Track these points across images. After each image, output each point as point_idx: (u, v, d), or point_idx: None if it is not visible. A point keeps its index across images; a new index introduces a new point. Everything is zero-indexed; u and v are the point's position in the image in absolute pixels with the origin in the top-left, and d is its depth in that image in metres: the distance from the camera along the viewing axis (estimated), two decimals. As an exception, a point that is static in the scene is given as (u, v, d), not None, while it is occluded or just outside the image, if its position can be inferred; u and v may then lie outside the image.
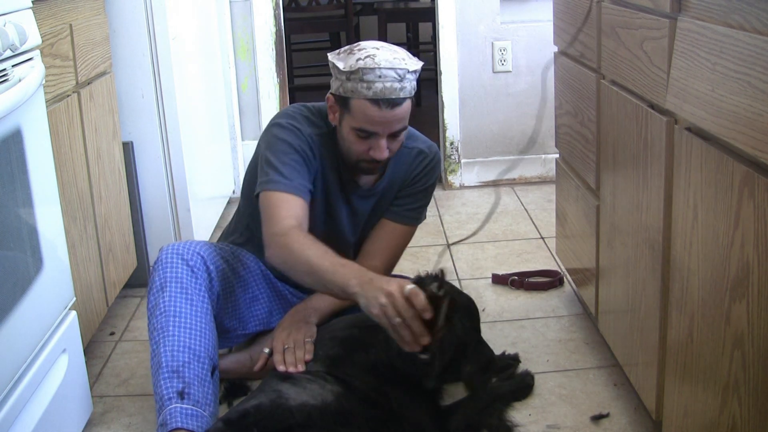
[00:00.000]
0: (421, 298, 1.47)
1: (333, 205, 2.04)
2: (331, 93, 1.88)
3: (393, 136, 1.87)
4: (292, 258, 1.75)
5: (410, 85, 1.83)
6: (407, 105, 1.85)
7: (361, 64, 1.78)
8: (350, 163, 1.94)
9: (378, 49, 1.82)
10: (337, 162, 2.00)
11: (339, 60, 1.83)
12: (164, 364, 1.78)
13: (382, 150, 1.85)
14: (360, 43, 1.87)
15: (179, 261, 1.88)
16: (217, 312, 1.94)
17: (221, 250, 2.03)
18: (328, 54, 1.88)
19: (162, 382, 1.77)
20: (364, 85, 1.78)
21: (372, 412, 1.65)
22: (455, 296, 1.57)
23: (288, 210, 1.81)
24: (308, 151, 1.92)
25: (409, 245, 2.97)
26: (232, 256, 2.05)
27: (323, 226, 2.04)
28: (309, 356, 1.83)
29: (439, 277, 1.55)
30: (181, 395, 1.74)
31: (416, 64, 1.85)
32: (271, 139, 1.94)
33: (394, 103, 1.80)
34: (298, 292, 2.15)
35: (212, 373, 1.83)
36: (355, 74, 1.79)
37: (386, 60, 1.79)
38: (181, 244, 1.93)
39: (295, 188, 1.85)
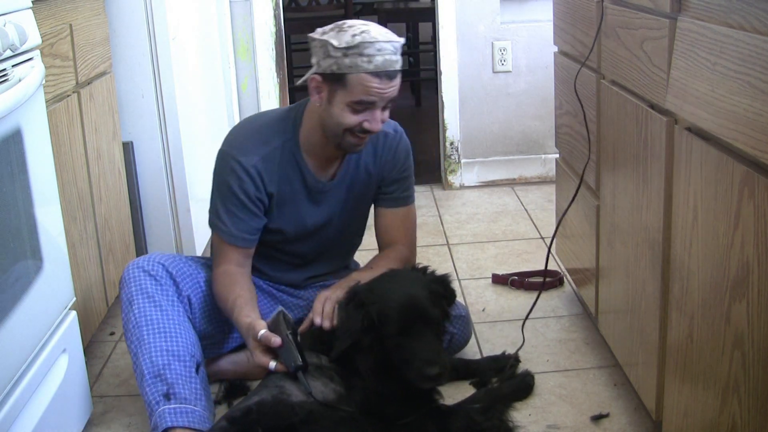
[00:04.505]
0: (272, 340, 1.75)
1: (301, 208, 2.04)
2: (317, 73, 1.86)
3: (385, 107, 1.90)
4: (217, 299, 1.97)
5: (402, 58, 1.87)
6: (400, 77, 1.88)
7: (359, 39, 1.79)
8: (336, 140, 1.92)
9: (367, 25, 1.85)
10: (298, 165, 1.99)
11: (332, 38, 1.82)
12: (146, 371, 1.80)
13: (378, 120, 1.88)
14: (345, 21, 1.87)
15: (141, 273, 1.92)
16: (194, 316, 1.97)
17: (190, 259, 2.05)
18: (311, 35, 1.88)
19: (147, 388, 1.79)
20: (365, 59, 1.79)
21: (371, 418, 1.66)
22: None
23: (224, 257, 1.99)
24: (251, 188, 1.94)
25: (409, 245, 2.98)
26: (205, 263, 2.07)
27: (303, 230, 2.06)
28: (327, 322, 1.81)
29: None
30: (167, 396, 1.77)
31: (401, 39, 1.90)
32: (217, 175, 2.01)
33: (393, 75, 1.84)
34: (293, 290, 2.17)
35: (197, 370, 1.85)
36: (354, 49, 1.79)
37: (381, 34, 1.82)
38: (141, 258, 1.97)
39: (233, 237, 1.97)
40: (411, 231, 2.18)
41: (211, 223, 2.02)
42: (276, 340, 1.72)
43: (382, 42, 1.80)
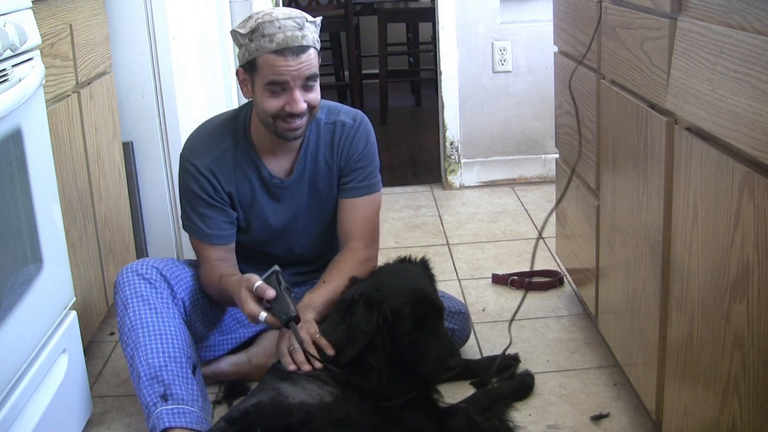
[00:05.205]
0: (267, 291, 1.78)
1: (263, 207, 2.05)
2: (239, 67, 1.92)
3: (306, 87, 1.88)
4: (206, 290, 2.02)
5: (311, 34, 1.87)
6: (313, 53, 1.87)
7: (259, 21, 1.83)
8: (270, 129, 1.93)
9: (272, 9, 1.89)
10: (254, 162, 2.01)
11: (239, 28, 1.87)
12: (142, 374, 1.80)
13: (298, 101, 1.86)
14: (256, 11, 1.91)
15: (135, 277, 1.92)
16: (190, 319, 1.97)
17: (184, 263, 2.06)
18: (230, 31, 1.90)
19: (144, 390, 1.79)
20: (266, 39, 1.82)
21: (370, 419, 1.66)
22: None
23: (205, 256, 2.03)
24: (209, 188, 1.98)
25: (410, 245, 2.99)
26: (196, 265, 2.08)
27: (270, 230, 2.06)
28: (330, 351, 1.75)
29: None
30: (164, 398, 1.77)
31: (314, 18, 1.90)
32: (179, 180, 2.04)
33: (299, 51, 1.83)
34: None
35: (194, 371, 1.85)
36: (255, 32, 1.83)
37: (283, 13, 1.85)
38: (135, 262, 1.98)
39: (208, 236, 2.01)
40: (369, 223, 2.09)
41: (185, 227, 2.06)
42: (270, 292, 1.75)
43: (282, 20, 1.82)
